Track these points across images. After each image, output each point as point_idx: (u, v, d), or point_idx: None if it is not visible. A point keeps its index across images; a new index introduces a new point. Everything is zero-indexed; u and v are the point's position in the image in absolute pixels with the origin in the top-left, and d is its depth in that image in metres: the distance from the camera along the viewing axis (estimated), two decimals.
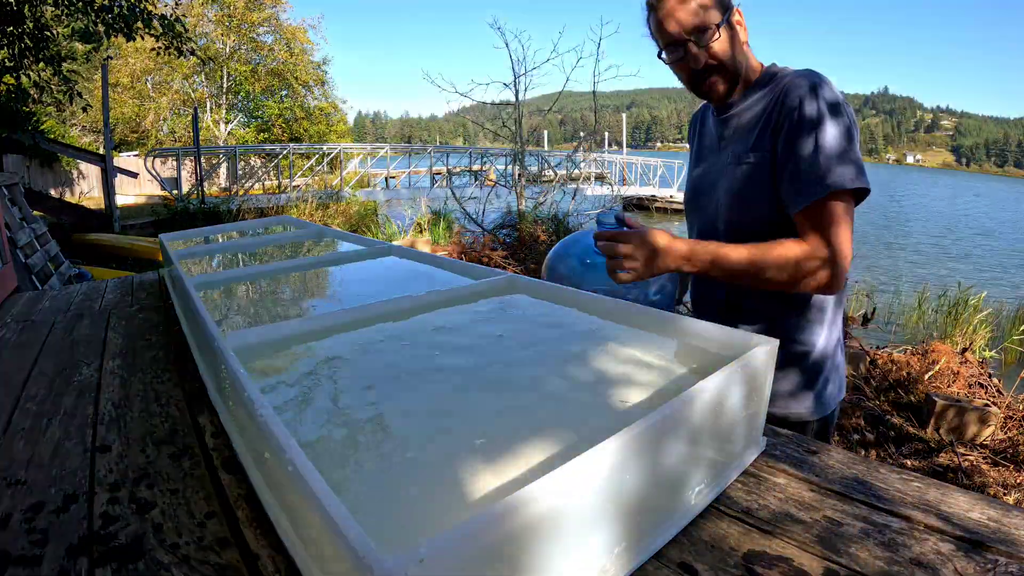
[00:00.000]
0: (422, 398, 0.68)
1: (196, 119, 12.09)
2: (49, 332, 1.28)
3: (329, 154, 13.64)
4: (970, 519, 0.53)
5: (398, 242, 5.32)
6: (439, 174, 13.72)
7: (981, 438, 2.52)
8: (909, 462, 2.38)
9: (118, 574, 0.51)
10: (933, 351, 3.20)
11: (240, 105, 19.84)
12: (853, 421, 2.67)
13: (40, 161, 11.71)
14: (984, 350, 3.77)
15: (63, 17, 6.55)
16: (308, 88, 19.99)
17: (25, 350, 1.16)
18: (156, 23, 6.52)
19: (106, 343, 1.18)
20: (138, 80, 17.75)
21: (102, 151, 10.40)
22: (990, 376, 3.07)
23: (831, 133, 0.90)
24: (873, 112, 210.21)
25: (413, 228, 7.84)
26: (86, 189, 13.15)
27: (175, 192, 11.85)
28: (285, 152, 13.30)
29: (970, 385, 2.97)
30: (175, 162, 13.09)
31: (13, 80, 6.09)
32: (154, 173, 11.71)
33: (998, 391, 2.89)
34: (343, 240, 1.71)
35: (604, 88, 8.00)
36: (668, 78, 1.18)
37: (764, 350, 0.63)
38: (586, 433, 0.57)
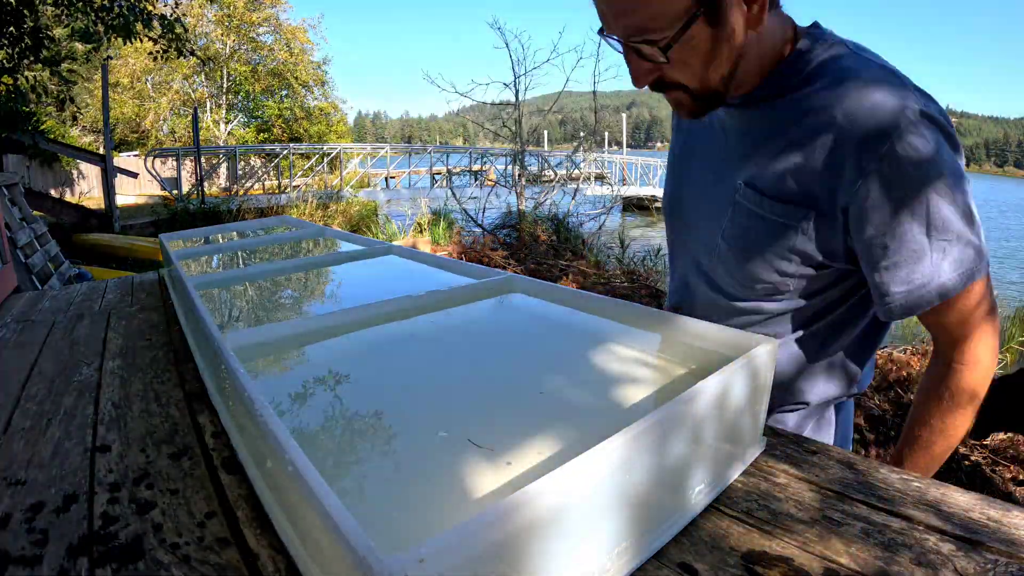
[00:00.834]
0: (422, 398, 0.68)
1: (196, 119, 12.12)
2: (49, 332, 1.28)
3: (329, 154, 13.66)
4: (970, 519, 0.53)
5: (398, 242, 5.31)
6: (439, 174, 13.72)
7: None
8: None
9: (118, 574, 0.51)
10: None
11: (240, 105, 19.87)
12: (853, 421, 2.67)
13: (40, 161, 11.74)
14: None
15: (63, 17, 6.55)
16: (308, 88, 20.03)
17: (25, 350, 1.16)
18: (156, 23, 6.52)
19: (106, 343, 1.18)
20: (138, 80, 17.79)
21: (102, 151, 10.41)
22: None
23: (946, 201, 0.63)
24: None
25: (413, 228, 7.85)
26: (86, 189, 13.17)
27: (175, 192, 11.87)
28: (285, 152, 13.32)
29: None
30: (175, 162, 13.11)
31: (11, 81, 6.09)
32: (154, 173, 11.73)
33: None
34: (343, 240, 1.71)
35: (604, 88, 8.01)
36: None
37: (765, 349, 0.63)
38: (587, 433, 0.57)
